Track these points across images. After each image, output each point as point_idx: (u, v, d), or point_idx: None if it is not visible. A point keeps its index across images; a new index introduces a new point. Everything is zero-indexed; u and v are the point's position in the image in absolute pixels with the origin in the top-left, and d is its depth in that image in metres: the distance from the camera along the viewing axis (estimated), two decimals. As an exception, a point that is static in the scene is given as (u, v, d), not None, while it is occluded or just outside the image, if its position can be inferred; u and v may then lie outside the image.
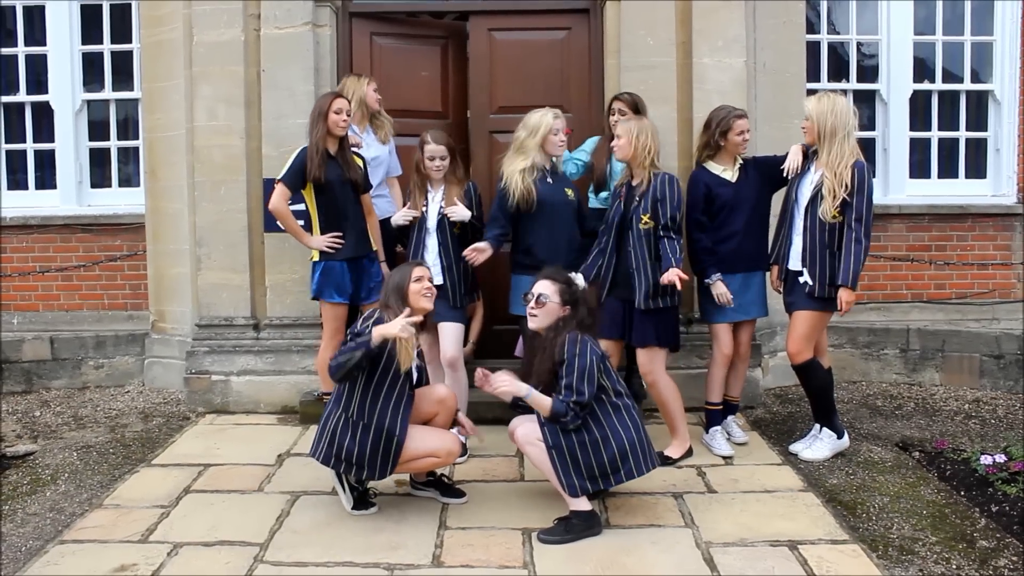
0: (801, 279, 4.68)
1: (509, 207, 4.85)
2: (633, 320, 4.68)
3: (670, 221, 4.54)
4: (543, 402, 3.80)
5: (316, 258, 5.06)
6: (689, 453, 4.79)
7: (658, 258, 4.57)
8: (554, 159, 5.02)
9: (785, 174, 4.84)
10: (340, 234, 4.98)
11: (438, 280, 4.80)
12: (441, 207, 4.93)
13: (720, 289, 4.80)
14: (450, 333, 4.90)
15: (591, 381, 3.78)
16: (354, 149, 5.16)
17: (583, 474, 3.80)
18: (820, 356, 4.84)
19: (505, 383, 3.81)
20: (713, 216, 4.84)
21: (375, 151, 5.47)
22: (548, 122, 4.88)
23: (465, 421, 4.29)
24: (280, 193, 4.97)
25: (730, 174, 4.89)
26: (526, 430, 3.95)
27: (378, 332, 3.74)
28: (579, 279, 4.28)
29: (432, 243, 4.95)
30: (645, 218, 4.58)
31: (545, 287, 4.01)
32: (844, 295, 4.58)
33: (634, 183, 4.70)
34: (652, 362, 4.71)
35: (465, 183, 5.07)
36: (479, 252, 4.81)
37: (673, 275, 4.39)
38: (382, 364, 3.87)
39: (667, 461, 4.66)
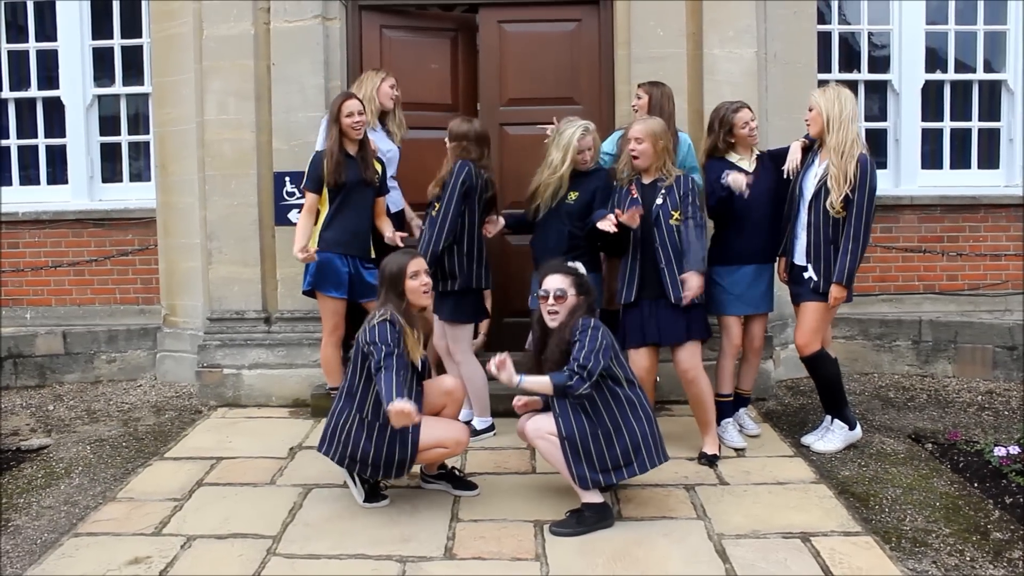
0: (806, 274, 4.67)
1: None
2: (660, 320, 4.58)
3: (696, 213, 4.56)
4: (541, 380, 3.74)
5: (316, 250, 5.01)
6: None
7: None
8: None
9: (785, 175, 4.81)
10: (314, 252, 4.92)
11: None
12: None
13: (734, 176, 4.65)
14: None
15: (604, 355, 3.75)
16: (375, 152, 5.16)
17: (595, 466, 3.78)
18: (825, 346, 4.81)
19: (505, 369, 3.72)
20: (732, 208, 4.77)
21: (386, 145, 5.43)
22: (575, 144, 4.82)
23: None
24: (310, 201, 4.99)
25: (747, 164, 4.84)
26: (536, 423, 3.92)
27: (395, 417, 3.55)
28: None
29: None
30: (676, 214, 4.56)
31: (560, 282, 3.96)
32: (834, 291, 4.59)
33: (647, 181, 4.65)
34: (694, 357, 4.62)
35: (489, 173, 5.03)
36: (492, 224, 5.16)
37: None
38: None
39: (713, 460, 4.58)
